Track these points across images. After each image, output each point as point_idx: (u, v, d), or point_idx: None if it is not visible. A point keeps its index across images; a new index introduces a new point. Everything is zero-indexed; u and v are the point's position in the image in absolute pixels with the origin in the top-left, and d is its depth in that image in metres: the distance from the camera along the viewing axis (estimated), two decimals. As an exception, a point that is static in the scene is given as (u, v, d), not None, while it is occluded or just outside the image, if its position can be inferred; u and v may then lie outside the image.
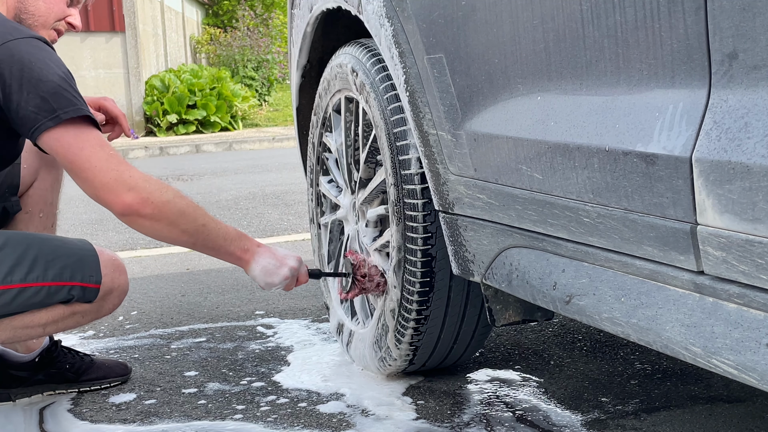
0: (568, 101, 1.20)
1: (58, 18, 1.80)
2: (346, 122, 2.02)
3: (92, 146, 1.56)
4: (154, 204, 1.56)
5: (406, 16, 1.59)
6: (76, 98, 1.58)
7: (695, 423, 1.67)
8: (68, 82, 1.59)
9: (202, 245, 1.65)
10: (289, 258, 1.74)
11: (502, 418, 1.73)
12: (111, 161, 1.55)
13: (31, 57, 1.57)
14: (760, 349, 0.93)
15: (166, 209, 1.57)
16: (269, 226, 4.40)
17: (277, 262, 1.71)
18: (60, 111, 1.55)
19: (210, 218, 1.65)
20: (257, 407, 1.85)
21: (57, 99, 1.56)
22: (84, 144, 1.55)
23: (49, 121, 1.54)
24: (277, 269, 1.71)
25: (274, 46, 14.45)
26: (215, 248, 1.67)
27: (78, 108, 1.57)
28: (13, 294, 1.61)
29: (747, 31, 0.90)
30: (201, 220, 1.62)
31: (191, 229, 1.61)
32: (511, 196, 1.36)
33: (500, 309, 1.64)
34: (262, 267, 1.70)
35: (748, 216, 0.91)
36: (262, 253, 1.70)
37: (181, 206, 1.60)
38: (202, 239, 1.64)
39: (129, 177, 1.55)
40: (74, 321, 1.73)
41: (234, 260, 1.70)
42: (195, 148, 9.62)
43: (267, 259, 1.70)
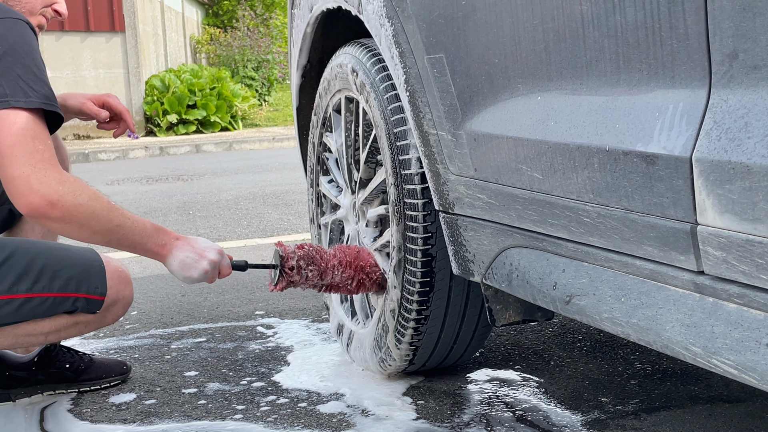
0: (568, 101, 1.20)
1: (45, 5, 1.81)
2: (347, 122, 2.02)
3: (24, 136, 1.51)
4: (64, 207, 1.52)
5: (406, 16, 1.59)
6: (33, 89, 1.54)
7: (695, 423, 1.67)
8: (33, 72, 1.56)
9: (116, 244, 1.63)
10: (209, 251, 1.70)
11: (502, 418, 1.73)
12: (33, 156, 1.51)
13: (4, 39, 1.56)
14: (760, 349, 0.93)
15: (75, 212, 1.54)
16: (269, 226, 4.40)
17: (196, 255, 1.68)
18: (10, 98, 1.52)
19: (126, 217, 1.61)
20: (257, 407, 1.85)
21: (12, 86, 1.53)
22: (16, 131, 1.51)
23: None
24: (196, 263, 1.67)
25: (275, 46, 14.45)
26: (131, 246, 1.64)
27: (30, 100, 1.54)
28: (19, 303, 1.62)
29: (747, 31, 0.90)
30: (116, 221, 1.59)
31: (103, 230, 1.59)
32: (511, 196, 1.36)
33: (500, 309, 1.64)
34: (180, 261, 1.67)
35: (748, 216, 0.91)
36: (180, 247, 1.67)
37: (93, 209, 1.56)
38: (117, 239, 1.61)
39: (42, 176, 1.51)
40: (76, 330, 1.74)
41: (151, 255, 1.67)
42: (195, 148, 9.62)
43: (185, 252, 1.67)
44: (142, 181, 6.81)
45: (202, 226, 4.49)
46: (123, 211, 1.62)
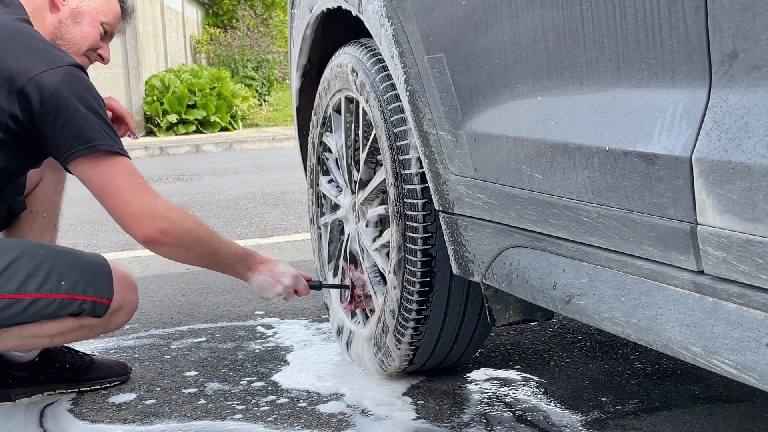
0: (568, 101, 1.20)
1: (91, 48, 1.88)
2: (347, 122, 2.02)
3: (124, 175, 1.66)
4: (175, 233, 1.67)
5: (406, 16, 1.59)
6: (109, 131, 1.67)
7: (695, 423, 1.67)
8: (102, 114, 1.67)
9: (212, 266, 1.80)
10: (285, 276, 1.86)
11: (502, 418, 1.73)
12: (139, 191, 1.66)
13: (70, 86, 1.64)
14: (760, 349, 0.93)
15: (185, 238, 1.69)
16: (269, 226, 4.40)
17: (273, 280, 1.84)
18: (96, 142, 1.63)
19: (222, 243, 1.78)
20: (257, 407, 1.85)
21: (93, 130, 1.64)
22: (117, 173, 1.65)
23: (84, 149, 1.63)
24: (272, 287, 1.85)
25: (275, 46, 14.46)
26: (223, 268, 1.82)
27: (112, 144, 1.66)
28: (26, 304, 1.65)
29: (747, 31, 0.90)
30: (215, 245, 1.76)
31: (205, 254, 1.75)
32: (511, 196, 1.36)
33: (500, 309, 1.64)
34: (258, 283, 1.85)
35: (748, 216, 0.91)
36: (261, 271, 1.84)
37: (199, 234, 1.72)
38: (213, 262, 1.78)
39: (154, 207, 1.65)
40: (82, 334, 1.77)
41: (237, 276, 1.85)
42: (195, 148, 9.62)
43: (264, 276, 1.84)
44: (142, 181, 6.80)
45: (202, 226, 4.49)
46: (219, 236, 1.79)
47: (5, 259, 1.63)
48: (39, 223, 1.98)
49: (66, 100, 1.62)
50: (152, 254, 3.75)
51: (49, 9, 1.82)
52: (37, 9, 1.80)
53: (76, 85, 1.64)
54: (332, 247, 2.23)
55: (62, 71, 1.64)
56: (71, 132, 1.62)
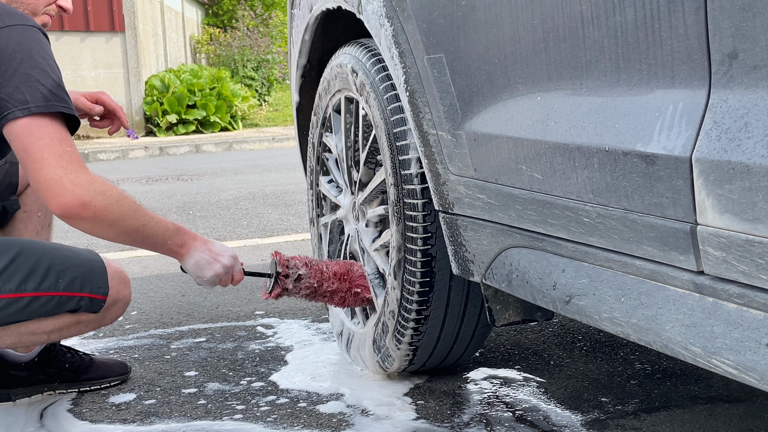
0: (568, 101, 1.20)
1: (48, 3, 1.82)
2: (346, 122, 2.02)
3: (50, 139, 1.54)
4: (95, 207, 1.56)
5: (406, 16, 1.59)
6: (53, 94, 1.57)
7: (695, 423, 1.67)
8: (50, 74, 1.58)
9: (140, 243, 1.68)
10: (224, 255, 1.76)
11: (502, 418, 1.73)
12: (62, 158, 1.54)
13: (20, 46, 1.57)
14: (760, 349, 0.93)
15: (106, 212, 1.58)
16: (269, 226, 4.40)
17: (210, 257, 1.74)
18: (32, 104, 1.54)
19: (150, 217, 1.66)
20: (257, 407, 1.85)
21: (32, 92, 1.55)
22: (43, 135, 1.54)
23: (18, 111, 1.54)
24: (210, 264, 1.74)
25: (274, 46, 14.45)
26: (152, 245, 1.70)
27: (52, 104, 1.56)
28: (26, 302, 1.65)
29: (747, 31, 0.90)
30: (141, 220, 1.64)
31: (130, 230, 1.63)
32: (511, 196, 1.36)
33: (500, 309, 1.64)
34: (195, 261, 1.73)
35: (748, 216, 0.91)
36: (197, 248, 1.73)
37: (122, 209, 1.60)
38: (141, 238, 1.66)
39: (75, 177, 1.54)
40: (77, 329, 1.78)
41: (170, 254, 1.73)
42: (195, 148, 9.62)
43: (201, 254, 1.73)
44: (142, 181, 6.81)
45: (202, 226, 4.49)
46: (147, 211, 1.66)
47: (4, 259, 1.64)
48: (34, 222, 1.98)
49: (10, 58, 1.55)
50: (152, 254, 3.76)
51: None
52: None
53: (25, 44, 1.58)
54: (332, 247, 2.23)
55: (15, 30, 1.58)
56: (8, 92, 1.54)
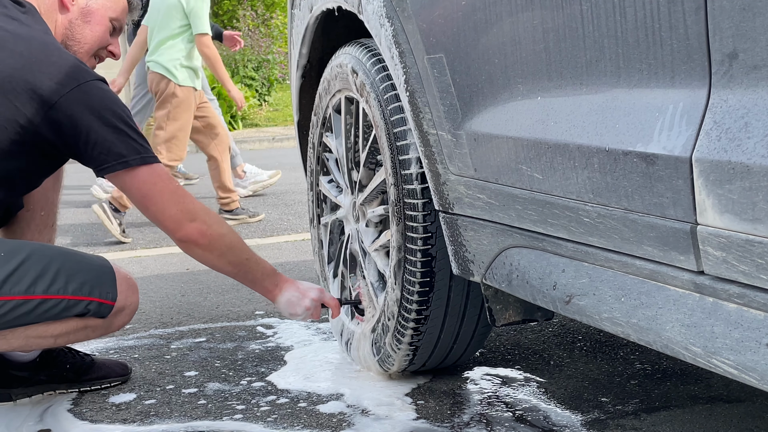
0: (568, 101, 1.20)
1: (102, 46, 1.89)
2: (346, 122, 2.02)
3: (162, 182, 1.72)
4: (211, 236, 1.74)
5: (406, 16, 1.59)
6: (138, 141, 1.71)
7: (695, 423, 1.67)
8: (131, 124, 1.73)
9: (242, 277, 1.84)
10: (311, 291, 1.90)
11: (502, 418, 1.73)
12: (177, 195, 1.73)
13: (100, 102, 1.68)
14: (760, 349, 0.93)
15: (219, 242, 1.76)
16: (269, 226, 4.40)
17: (300, 294, 1.88)
18: (128, 157, 1.69)
19: (252, 254, 1.83)
20: (257, 407, 1.85)
21: (124, 146, 1.69)
22: (155, 181, 1.72)
23: (118, 164, 1.69)
24: (299, 301, 1.88)
25: (275, 46, 14.44)
26: (251, 281, 1.86)
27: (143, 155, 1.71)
28: (35, 304, 1.68)
29: (747, 31, 0.90)
30: (246, 255, 1.81)
31: (236, 262, 1.80)
32: (511, 196, 1.36)
33: (500, 309, 1.64)
34: (286, 300, 1.87)
35: (748, 216, 0.91)
36: (287, 288, 1.88)
37: (232, 240, 1.79)
38: (244, 271, 1.83)
39: (193, 210, 1.73)
40: (84, 334, 1.80)
41: (265, 293, 1.88)
42: (195, 148, 9.60)
43: (291, 293, 1.88)
44: (142, 181, 6.80)
45: (202, 226, 4.49)
46: (249, 248, 1.84)
47: (14, 261, 1.66)
48: (36, 221, 1.99)
49: (94, 120, 1.66)
50: (152, 254, 3.77)
51: (58, 10, 1.82)
52: (47, 10, 1.81)
53: (103, 101, 1.68)
54: (332, 248, 2.23)
55: (89, 87, 1.67)
56: (103, 149, 1.67)
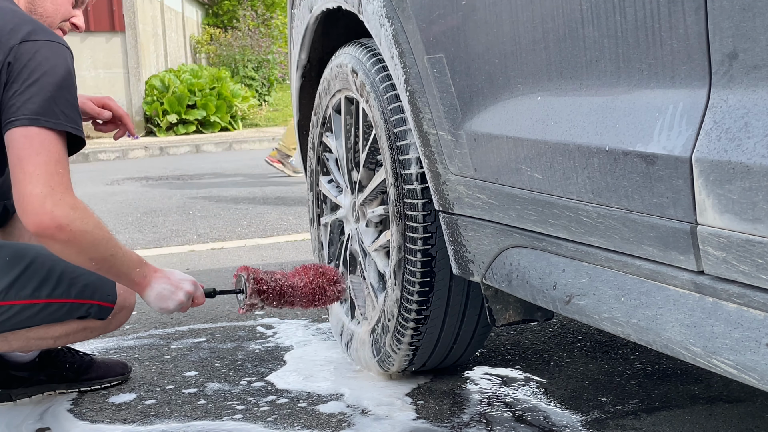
0: (568, 101, 1.20)
1: (64, 18, 1.85)
2: (346, 122, 2.02)
3: (48, 156, 1.56)
4: (71, 232, 1.57)
5: (406, 16, 1.59)
6: (64, 114, 1.59)
7: (695, 423, 1.67)
8: (66, 94, 1.60)
9: (105, 271, 1.69)
10: (185, 282, 1.78)
11: (502, 418, 1.73)
12: (54, 178, 1.56)
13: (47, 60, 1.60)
14: (760, 349, 0.93)
15: (80, 238, 1.59)
16: (269, 226, 4.40)
17: (173, 287, 1.75)
18: (42, 117, 1.56)
19: (119, 248, 1.68)
20: (257, 407, 1.85)
21: (45, 106, 1.57)
22: (42, 150, 1.56)
23: (26, 119, 1.56)
24: (172, 294, 1.75)
25: (275, 46, 14.45)
26: (116, 275, 1.71)
27: (60, 123, 1.58)
28: (39, 308, 1.70)
29: (747, 31, 0.90)
30: (111, 251, 1.65)
31: (99, 258, 1.64)
32: (511, 196, 1.36)
33: (500, 309, 1.64)
34: (157, 293, 1.74)
35: (748, 216, 0.91)
36: (158, 279, 1.74)
37: (96, 237, 1.62)
38: (107, 267, 1.67)
39: (58, 199, 1.55)
40: (84, 335, 1.83)
41: (132, 286, 1.74)
42: (195, 148, 9.62)
43: (162, 285, 1.74)
44: (142, 181, 6.81)
45: (202, 226, 4.50)
46: (117, 242, 1.68)
47: (20, 266, 1.69)
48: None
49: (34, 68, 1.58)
50: (152, 254, 3.76)
51: None
52: None
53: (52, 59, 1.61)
54: (333, 248, 2.23)
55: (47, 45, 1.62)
56: (22, 99, 1.57)
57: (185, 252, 3.80)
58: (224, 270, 3.31)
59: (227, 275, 3.21)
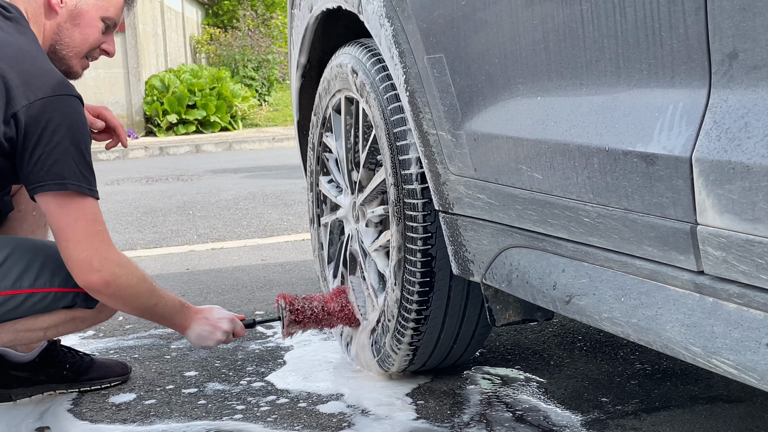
0: (568, 101, 1.20)
1: (93, 47, 1.84)
2: (346, 122, 2.02)
3: (85, 221, 1.65)
4: (117, 287, 1.69)
5: (406, 16, 1.59)
6: (85, 172, 1.65)
7: (695, 423, 1.67)
8: (84, 153, 1.65)
9: (148, 318, 1.83)
10: (223, 321, 1.88)
11: (502, 418, 1.73)
12: (95, 239, 1.66)
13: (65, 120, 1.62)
14: (760, 349, 0.93)
15: (125, 292, 1.71)
16: (269, 226, 4.40)
17: (211, 328, 1.87)
18: (67, 180, 1.62)
19: (161, 298, 1.79)
20: (257, 407, 1.85)
21: (69, 168, 1.62)
22: (79, 216, 1.65)
23: (54, 185, 1.62)
24: (211, 334, 1.87)
25: (275, 46, 14.45)
26: (159, 321, 1.84)
27: (86, 187, 1.65)
28: (22, 299, 1.69)
29: (747, 31, 0.90)
30: (154, 301, 1.78)
31: (142, 308, 1.78)
32: (511, 196, 1.36)
33: (500, 309, 1.64)
34: (197, 334, 1.86)
35: (748, 216, 0.91)
36: (198, 321, 1.86)
37: (140, 290, 1.74)
38: (149, 314, 1.81)
39: (104, 259, 1.67)
40: (74, 326, 1.81)
41: (175, 329, 1.87)
42: (195, 148, 9.62)
43: (201, 326, 1.86)
44: (142, 181, 6.81)
45: (202, 226, 4.50)
46: (160, 291, 1.80)
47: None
48: (29, 222, 1.98)
49: (52, 131, 1.60)
50: (152, 254, 3.77)
51: (45, 14, 1.76)
52: (34, 15, 1.75)
53: (69, 117, 1.63)
54: (332, 248, 2.23)
55: (61, 102, 1.62)
56: (45, 165, 1.61)
57: (185, 252, 3.80)
58: (225, 270, 3.31)
59: (227, 275, 3.22)
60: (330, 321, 2.01)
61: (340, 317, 2.01)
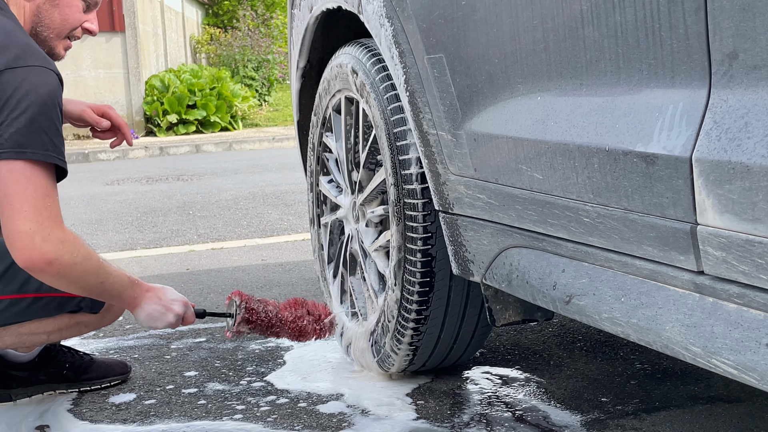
0: (568, 101, 1.20)
1: (74, 27, 1.80)
2: (346, 122, 2.02)
3: (36, 192, 1.55)
4: (61, 265, 1.58)
5: (406, 16, 1.59)
6: (53, 144, 1.57)
7: (695, 423, 1.67)
8: (55, 123, 1.59)
9: (96, 296, 1.73)
10: (176, 304, 1.81)
11: (502, 418, 1.73)
12: (42, 213, 1.55)
13: (35, 89, 1.56)
14: (760, 349, 0.93)
15: (70, 270, 1.60)
16: (269, 226, 4.40)
17: (163, 308, 1.79)
18: (29, 150, 1.54)
19: (109, 273, 1.69)
20: (257, 407, 1.85)
21: (33, 139, 1.55)
22: (29, 186, 1.54)
23: (12, 152, 1.53)
24: (162, 315, 1.79)
25: (275, 46, 14.45)
26: (108, 299, 1.75)
27: (48, 154, 1.56)
28: (27, 303, 1.70)
29: (747, 31, 0.90)
30: (101, 278, 1.67)
31: (89, 286, 1.67)
32: (511, 196, 1.36)
33: (500, 309, 1.64)
34: (147, 314, 1.78)
35: (748, 216, 0.91)
36: (149, 300, 1.78)
37: (86, 268, 1.63)
38: (97, 293, 1.71)
39: (47, 234, 1.55)
40: (77, 330, 1.82)
41: (124, 306, 1.78)
42: (195, 148, 9.62)
43: (152, 305, 1.78)
44: (142, 181, 6.81)
45: (201, 226, 4.50)
46: (107, 268, 1.69)
47: (6, 261, 1.66)
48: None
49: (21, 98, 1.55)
50: (152, 254, 3.77)
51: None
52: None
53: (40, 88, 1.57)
54: (332, 248, 2.23)
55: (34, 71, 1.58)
56: (8, 132, 1.54)
57: (185, 252, 3.80)
58: (225, 270, 3.31)
59: (227, 275, 3.22)
60: (280, 330, 1.95)
61: (291, 328, 1.96)
